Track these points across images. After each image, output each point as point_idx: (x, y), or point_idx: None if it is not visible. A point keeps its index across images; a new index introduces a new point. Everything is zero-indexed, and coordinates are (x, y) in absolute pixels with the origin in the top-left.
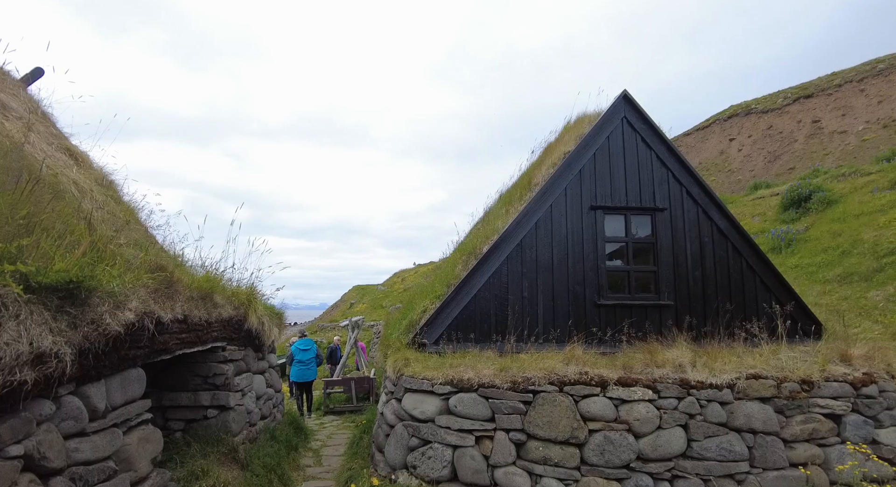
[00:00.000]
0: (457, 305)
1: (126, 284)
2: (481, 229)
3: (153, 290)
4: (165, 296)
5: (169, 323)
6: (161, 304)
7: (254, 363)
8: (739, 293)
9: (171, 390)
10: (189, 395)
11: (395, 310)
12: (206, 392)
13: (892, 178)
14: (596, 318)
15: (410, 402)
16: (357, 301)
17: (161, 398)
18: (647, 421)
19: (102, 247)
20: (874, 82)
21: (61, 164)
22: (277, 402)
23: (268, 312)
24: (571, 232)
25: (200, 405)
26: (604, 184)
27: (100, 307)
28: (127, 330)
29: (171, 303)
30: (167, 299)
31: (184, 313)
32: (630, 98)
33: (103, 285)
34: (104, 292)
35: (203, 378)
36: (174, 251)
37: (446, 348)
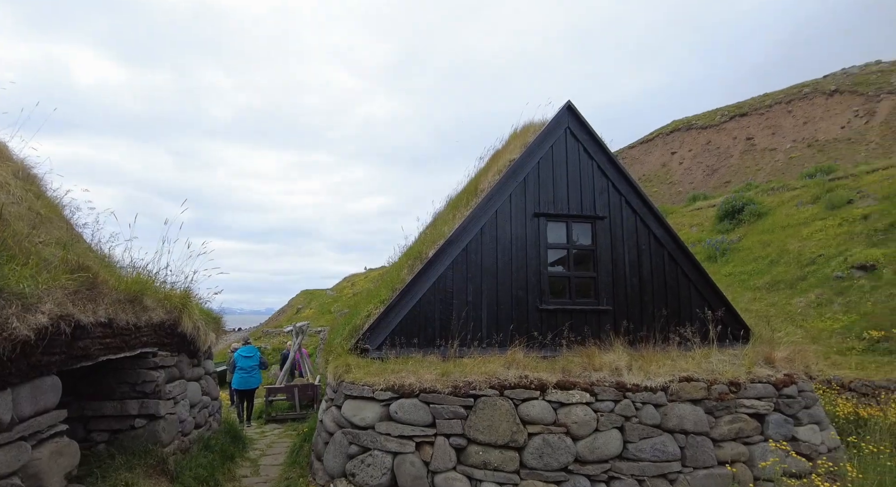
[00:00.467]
0: (401, 309)
1: (40, 284)
2: (429, 233)
3: (73, 291)
4: (87, 298)
5: (90, 327)
6: (82, 307)
7: (188, 369)
8: (675, 299)
9: (95, 398)
10: (115, 404)
11: (342, 315)
12: (134, 401)
13: (814, 193)
14: (538, 322)
15: (350, 409)
16: (304, 306)
17: (83, 408)
18: (584, 424)
19: (13, 244)
20: (800, 105)
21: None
22: (214, 410)
23: (204, 316)
24: (516, 238)
25: (127, 414)
26: (547, 192)
27: (5, 310)
28: (39, 335)
29: (93, 306)
30: (89, 302)
31: (108, 316)
32: (574, 109)
33: (11, 285)
34: (11, 293)
35: (131, 386)
36: (102, 251)
37: (389, 353)
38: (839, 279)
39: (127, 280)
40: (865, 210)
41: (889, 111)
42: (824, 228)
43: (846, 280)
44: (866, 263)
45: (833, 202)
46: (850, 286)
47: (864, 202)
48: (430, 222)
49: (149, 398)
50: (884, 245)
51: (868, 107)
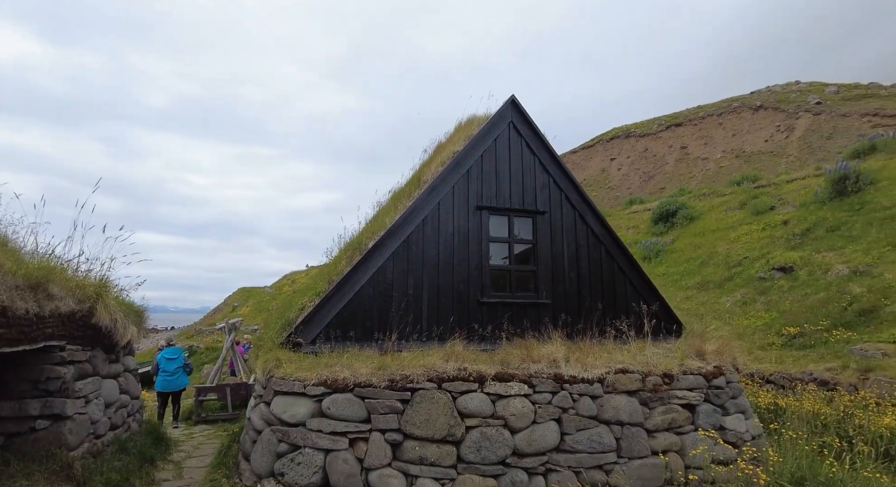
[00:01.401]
0: (338, 302)
1: None
2: (370, 225)
3: None
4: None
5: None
6: None
7: (103, 365)
8: (611, 294)
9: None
10: (12, 404)
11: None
12: (36, 400)
13: (741, 199)
14: (479, 315)
15: (280, 405)
16: (241, 304)
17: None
18: (522, 416)
19: None
20: (730, 118)
21: None
22: (134, 410)
23: (124, 308)
24: (458, 230)
25: (27, 415)
26: (490, 185)
27: None
28: None
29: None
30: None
31: (1, 304)
32: (517, 104)
33: None
34: None
35: (33, 383)
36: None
37: (324, 347)
38: (762, 280)
39: (28, 264)
40: (785, 216)
41: (806, 128)
42: (750, 232)
43: (768, 281)
44: (785, 265)
45: (757, 208)
46: (771, 287)
47: (785, 209)
48: (372, 215)
49: (54, 397)
50: (800, 249)
51: (788, 122)
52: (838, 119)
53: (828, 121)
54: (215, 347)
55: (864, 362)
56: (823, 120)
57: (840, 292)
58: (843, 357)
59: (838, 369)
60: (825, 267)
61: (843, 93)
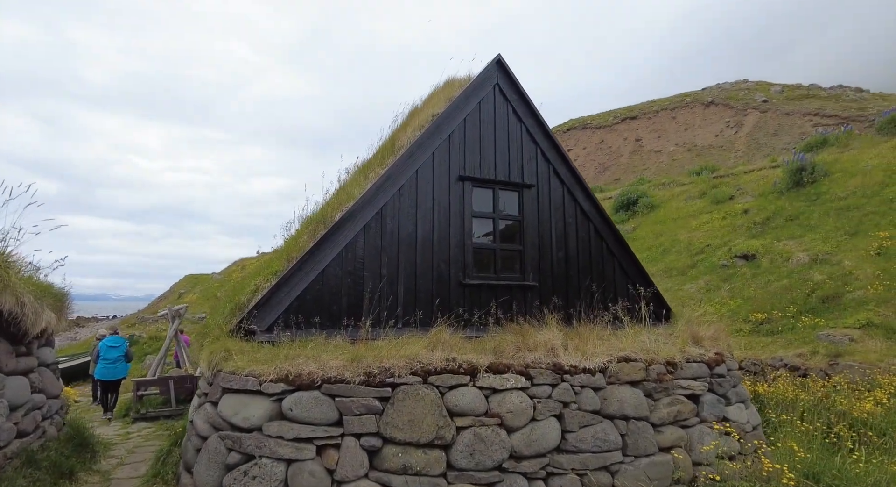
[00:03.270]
0: (299, 283)
1: None
2: (335, 197)
3: None
4: None
5: None
6: None
7: (8, 359)
8: (600, 276)
9: None
10: None
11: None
12: None
13: (701, 189)
14: (461, 299)
15: (230, 406)
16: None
17: None
18: (521, 413)
19: None
20: (682, 112)
21: None
22: (50, 412)
23: (36, 290)
24: (438, 204)
25: None
26: (473, 154)
27: None
28: None
29: None
30: None
31: None
32: (504, 64)
33: None
34: None
35: None
36: None
37: (283, 336)
38: (724, 267)
39: None
40: (745, 205)
41: (753, 124)
42: (710, 220)
43: (731, 268)
44: (747, 253)
45: (717, 197)
46: (735, 274)
47: (744, 198)
48: (336, 188)
49: None
50: (762, 237)
51: (737, 119)
52: (783, 117)
53: (773, 118)
54: (159, 336)
55: (833, 347)
56: (769, 117)
57: (802, 280)
58: (811, 343)
59: (808, 354)
60: (786, 255)
61: (786, 92)
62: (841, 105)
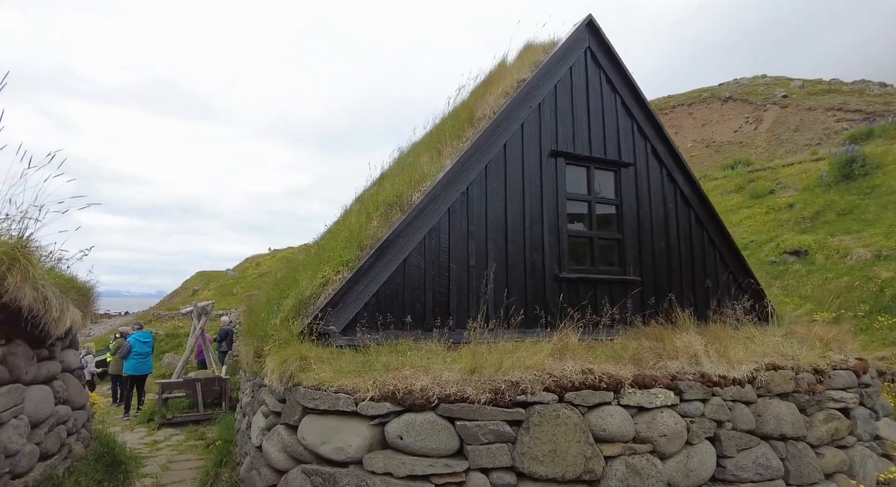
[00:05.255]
0: (377, 276)
1: None
2: (401, 175)
3: None
4: None
5: None
6: None
7: (28, 366)
8: (701, 269)
9: None
10: None
11: (247, 297)
12: None
13: (737, 183)
14: (557, 295)
15: (316, 431)
16: (202, 288)
17: None
18: (674, 436)
19: None
20: (699, 108)
21: None
22: (76, 426)
23: (60, 283)
24: (529, 183)
25: None
26: (566, 126)
27: None
28: None
29: None
30: None
31: None
32: (596, 26)
33: None
34: None
35: None
36: None
37: (367, 338)
38: (774, 264)
39: None
40: (789, 200)
41: (773, 120)
42: (752, 215)
43: (780, 265)
44: (798, 248)
45: (756, 192)
46: (786, 271)
47: (786, 192)
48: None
49: None
50: (812, 232)
51: (756, 114)
52: (804, 113)
53: (794, 114)
54: (175, 333)
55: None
56: (790, 113)
57: (867, 277)
58: (891, 345)
59: (892, 358)
60: (843, 251)
61: (807, 87)
62: (865, 100)
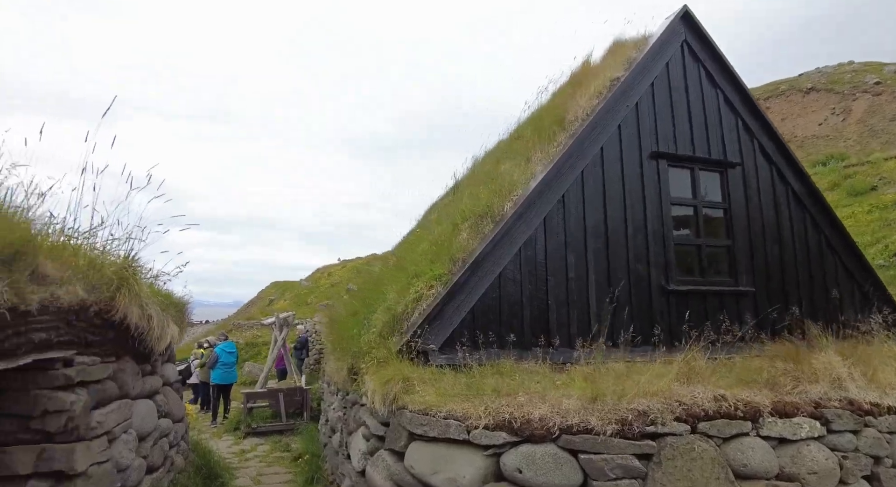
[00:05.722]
0: (472, 291)
1: None
2: (488, 184)
3: None
4: None
5: None
6: None
7: (135, 381)
8: (820, 277)
9: None
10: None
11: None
12: (27, 449)
13: (831, 179)
14: (665, 309)
15: (425, 460)
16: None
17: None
18: (826, 474)
19: None
20: (777, 102)
21: None
22: (176, 439)
23: (161, 300)
24: (630, 187)
25: (14, 473)
26: (665, 125)
27: None
28: None
29: None
30: None
31: None
32: (692, 18)
33: None
34: None
35: (21, 421)
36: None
37: (467, 357)
38: (884, 268)
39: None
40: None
41: (865, 110)
42: (853, 214)
43: (891, 269)
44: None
45: (855, 189)
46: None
47: (891, 189)
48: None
49: (55, 443)
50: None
51: (844, 105)
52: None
53: (890, 102)
54: (255, 342)
55: None
56: (885, 101)
57: None
58: None
59: None
60: None
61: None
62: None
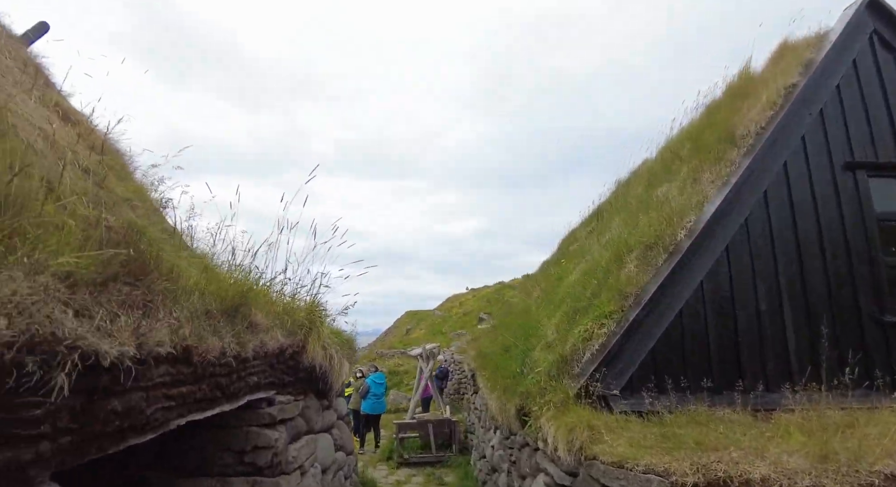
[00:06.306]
0: (651, 329)
1: None
2: (647, 212)
3: (94, 284)
4: (124, 301)
5: (130, 365)
6: (109, 323)
7: (317, 417)
8: None
9: (186, 473)
10: (213, 483)
11: (457, 335)
12: (245, 480)
13: None
14: (881, 345)
15: None
16: (413, 327)
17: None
18: None
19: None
20: None
21: (38, 116)
22: (349, 471)
23: (336, 339)
24: (823, 204)
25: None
26: (859, 130)
27: None
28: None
29: (140, 318)
30: (127, 309)
31: (182, 342)
32: (880, 4)
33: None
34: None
35: (237, 455)
36: (193, 246)
37: (654, 402)
38: None
39: (222, 280)
40: None
41: None
42: None
43: None
44: None
45: None
46: None
47: None
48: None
49: (264, 475)
50: None
51: None
52: None
53: None
54: (396, 370)
55: None
56: None
57: None
58: None
59: None
60: None
61: None
62: None
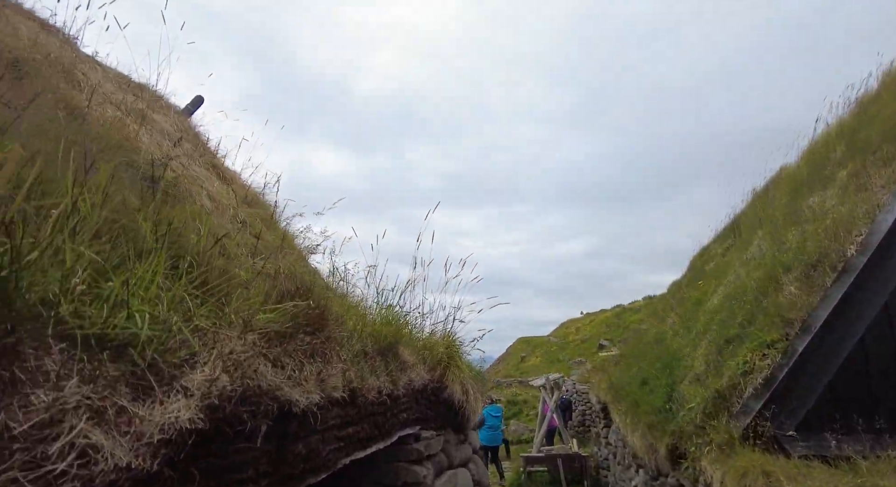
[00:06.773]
0: (825, 360)
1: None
2: (800, 225)
3: (281, 337)
4: (308, 351)
5: (315, 411)
6: (297, 372)
7: (455, 451)
8: None
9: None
10: None
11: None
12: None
13: None
14: None
15: None
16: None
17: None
18: None
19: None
20: None
21: (200, 176)
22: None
23: (470, 372)
24: None
25: None
26: None
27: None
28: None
29: (323, 366)
30: (315, 359)
31: (349, 386)
32: None
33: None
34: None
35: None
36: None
37: (843, 446)
38: None
39: (373, 321)
40: None
41: None
42: None
43: None
44: None
45: None
46: None
47: None
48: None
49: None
50: None
51: None
52: None
53: None
54: (514, 400)
55: None
56: None
57: None
58: None
59: None
60: None
61: None
62: None
